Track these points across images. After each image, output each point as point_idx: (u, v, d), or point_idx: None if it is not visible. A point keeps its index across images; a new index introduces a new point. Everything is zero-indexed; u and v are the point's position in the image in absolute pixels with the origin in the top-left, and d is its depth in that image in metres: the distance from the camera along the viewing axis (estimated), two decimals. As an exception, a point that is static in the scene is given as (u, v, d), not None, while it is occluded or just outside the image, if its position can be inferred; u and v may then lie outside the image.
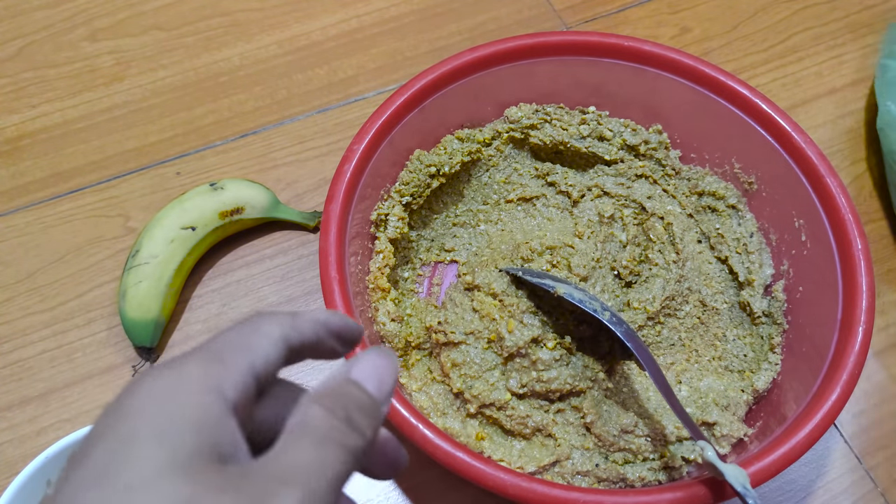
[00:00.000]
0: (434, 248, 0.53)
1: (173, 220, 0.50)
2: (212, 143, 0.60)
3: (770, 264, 0.49)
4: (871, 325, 0.41)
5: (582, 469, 0.42)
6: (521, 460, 0.43)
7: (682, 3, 0.69)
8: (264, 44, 0.65)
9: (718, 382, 0.46)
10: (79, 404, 0.49)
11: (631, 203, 0.52)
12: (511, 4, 0.68)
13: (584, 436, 0.44)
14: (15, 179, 0.57)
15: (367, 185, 0.47)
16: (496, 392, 0.44)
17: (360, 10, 0.67)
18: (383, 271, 0.47)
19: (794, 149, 0.47)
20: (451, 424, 0.44)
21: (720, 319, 0.49)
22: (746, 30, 0.67)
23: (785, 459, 0.37)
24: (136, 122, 0.60)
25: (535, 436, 0.44)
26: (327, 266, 0.42)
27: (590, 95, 0.53)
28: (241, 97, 0.62)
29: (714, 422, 0.44)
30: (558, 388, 0.44)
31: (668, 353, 0.48)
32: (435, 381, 0.46)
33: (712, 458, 0.36)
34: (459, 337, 0.45)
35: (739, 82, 0.49)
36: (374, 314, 0.46)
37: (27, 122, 0.60)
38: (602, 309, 0.43)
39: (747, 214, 0.51)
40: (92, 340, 0.51)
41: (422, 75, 0.49)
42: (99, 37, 0.64)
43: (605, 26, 0.67)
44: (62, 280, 0.53)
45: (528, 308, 0.45)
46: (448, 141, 0.52)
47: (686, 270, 0.49)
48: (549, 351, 0.44)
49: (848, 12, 0.68)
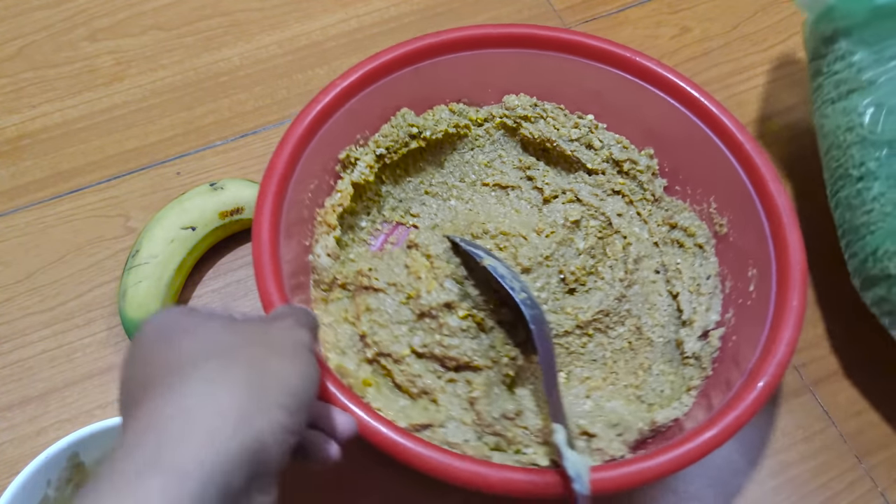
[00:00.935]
0: (400, 209, 0.54)
1: (173, 220, 0.50)
2: (212, 143, 0.60)
3: (718, 311, 0.47)
4: (772, 385, 0.39)
5: (451, 440, 0.42)
6: (397, 415, 0.43)
7: (682, 3, 0.69)
8: (264, 44, 0.65)
9: (624, 408, 0.45)
10: (79, 404, 0.49)
11: (599, 215, 0.52)
12: (511, 4, 0.68)
13: (466, 410, 0.44)
14: (15, 179, 0.57)
15: (342, 124, 0.48)
16: (397, 345, 0.45)
17: (360, 10, 0.67)
18: (336, 209, 0.49)
19: (766, 195, 0.45)
20: (346, 364, 0.44)
21: (651, 351, 0.48)
22: (746, 30, 0.67)
23: (627, 479, 0.36)
24: (136, 122, 0.60)
25: (421, 397, 0.44)
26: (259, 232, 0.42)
27: (591, 103, 0.53)
28: (241, 97, 0.62)
29: (595, 434, 0.43)
30: (455, 358, 0.44)
31: (587, 367, 0.48)
32: (346, 322, 0.47)
33: (559, 441, 0.35)
34: (381, 285, 0.46)
35: (731, 118, 0.48)
36: (313, 245, 0.48)
37: (27, 122, 0.60)
38: (521, 290, 0.43)
39: (711, 257, 0.49)
40: (92, 340, 0.51)
41: (420, 38, 0.50)
42: (99, 37, 0.65)
43: (605, 26, 0.67)
44: (62, 280, 0.53)
45: (452, 273, 0.46)
46: (439, 109, 0.53)
47: (630, 293, 0.49)
48: (458, 319, 0.45)
49: (848, 12, 0.68)
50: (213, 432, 0.25)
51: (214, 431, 0.25)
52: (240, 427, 0.26)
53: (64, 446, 0.39)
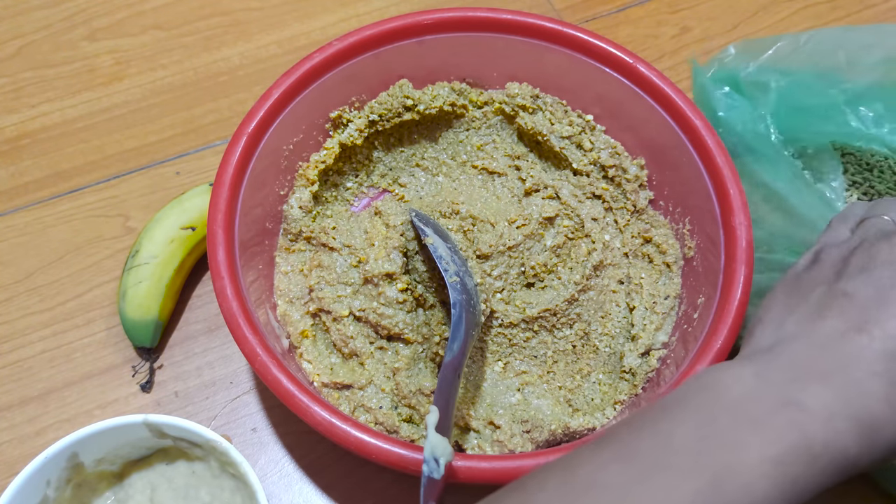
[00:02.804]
0: (389, 177, 0.55)
1: (173, 221, 0.50)
2: (212, 142, 0.59)
3: (667, 332, 0.47)
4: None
5: (367, 404, 0.45)
6: (324, 371, 0.46)
7: (683, 3, 0.69)
8: (264, 43, 0.65)
9: (549, 408, 0.45)
10: (78, 404, 0.49)
11: (574, 216, 0.51)
12: (511, 4, 0.67)
13: (389, 378, 0.46)
14: (14, 179, 0.57)
15: (337, 84, 0.50)
16: (338, 304, 0.47)
17: (360, 10, 0.67)
18: (318, 165, 0.50)
19: (729, 227, 0.44)
20: (291, 313, 0.47)
21: (595, 359, 0.48)
22: (747, 29, 0.67)
23: (478, 472, 0.36)
24: (135, 121, 0.60)
25: (351, 359, 0.47)
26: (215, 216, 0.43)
27: (593, 104, 0.53)
28: (241, 97, 0.62)
29: (499, 425, 0.43)
30: (388, 327, 0.46)
31: (525, 361, 0.48)
32: (301, 273, 0.49)
33: (429, 422, 0.35)
34: (337, 245, 0.49)
35: (715, 139, 0.47)
36: (288, 195, 0.50)
37: (27, 121, 0.60)
38: (455, 274, 0.43)
39: (676, 278, 0.49)
40: (91, 340, 0.51)
41: (427, 12, 0.50)
42: (98, 36, 0.64)
43: (606, 25, 0.67)
44: (62, 280, 0.53)
45: (401, 246, 0.47)
46: (440, 86, 0.53)
47: (583, 298, 0.48)
48: (396, 291, 0.46)
49: (849, 11, 0.68)
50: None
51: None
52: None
53: (63, 446, 0.39)
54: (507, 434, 0.43)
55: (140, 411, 0.48)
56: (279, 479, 0.46)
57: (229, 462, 0.40)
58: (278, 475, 0.46)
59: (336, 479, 0.46)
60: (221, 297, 0.40)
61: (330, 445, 0.47)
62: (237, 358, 0.50)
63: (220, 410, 0.49)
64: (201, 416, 0.48)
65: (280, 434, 0.48)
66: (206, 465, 0.42)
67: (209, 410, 0.49)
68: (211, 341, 0.51)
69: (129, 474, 0.43)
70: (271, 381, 0.38)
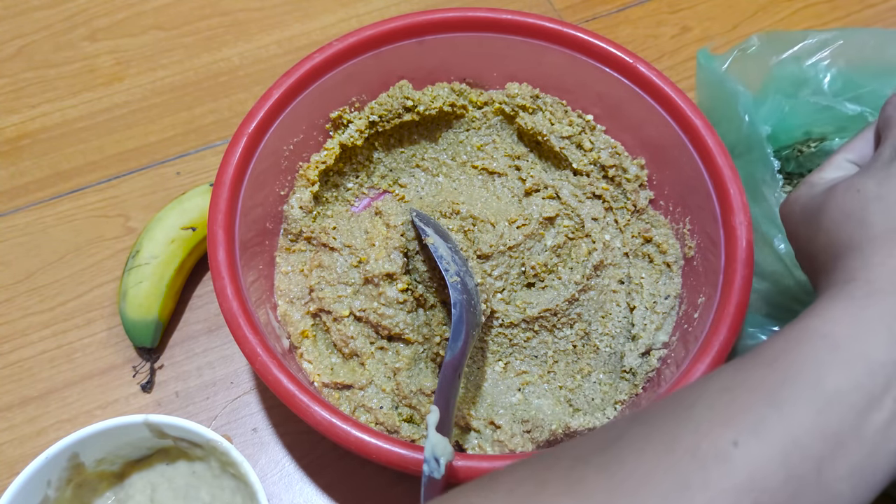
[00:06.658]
0: (390, 177, 0.55)
1: (173, 221, 0.50)
2: (212, 142, 0.60)
3: (668, 332, 0.47)
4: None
5: (367, 404, 0.45)
6: (324, 371, 0.46)
7: (682, 3, 0.69)
8: (264, 43, 0.65)
9: (550, 409, 0.45)
10: (79, 404, 0.49)
11: (575, 216, 0.51)
12: (511, 4, 0.67)
13: (389, 378, 0.46)
14: (15, 179, 0.57)
15: (337, 84, 0.50)
16: (338, 304, 0.47)
17: (360, 10, 0.67)
18: (318, 166, 0.50)
19: (729, 226, 0.44)
20: (291, 313, 0.47)
21: (595, 359, 0.48)
22: (746, 29, 0.67)
23: (488, 472, 0.36)
24: (136, 122, 0.60)
25: (352, 359, 0.47)
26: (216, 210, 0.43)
27: (593, 104, 0.53)
28: (241, 97, 0.62)
29: (500, 425, 0.43)
30: (388, 327, 0.46)
31: (526, 361, 0.48)
32: (301, 273, 0.49)
33: (429, 421, 0.35)
34: (337, 245, 0.49)
35: (716, 140, 0.46)
36: (289, 195, 0.50)
37: (27, 121, 0.60)
38: (456, 274, 0.43)
39: (676, 278, 0.48)
40: (92, 341, 0.51)
41: (427, 12, 0.50)
42: (98, 37, 0.64)
43: (606, 25, 0.67)
44: (62, 280, 0.53)
45: (401, 246, 0.47)
46: (440, 86, 0.53)
47: (584, 298, 0.48)
48: (396, 291, 0.46)
49: (849, 11, 0.68)
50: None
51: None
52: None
53: (64, 447, 0.39)
54: (508, 434, 0.43)
55: (140, 411, 0.48)
56: (279, 479, 0.46)
57: (230, 462, 0.40)
58: (279, 475, 0.46)
59: (336, 479, 0.46)
60: (222, 297, 0.41)
61: (330, 445, 0.47)
62: (237, 358, 0.50)
63: (221, 410, 0.49)
64: (202, 417, 0.48)
65: (280, 434, 0.48)
66: (206, 466, 0.42)
67: (210, 410, 0.49)
68: (211, 341, 0.51)
69: (129, 474, 0.43)
70: (272, 381, 0.39)
